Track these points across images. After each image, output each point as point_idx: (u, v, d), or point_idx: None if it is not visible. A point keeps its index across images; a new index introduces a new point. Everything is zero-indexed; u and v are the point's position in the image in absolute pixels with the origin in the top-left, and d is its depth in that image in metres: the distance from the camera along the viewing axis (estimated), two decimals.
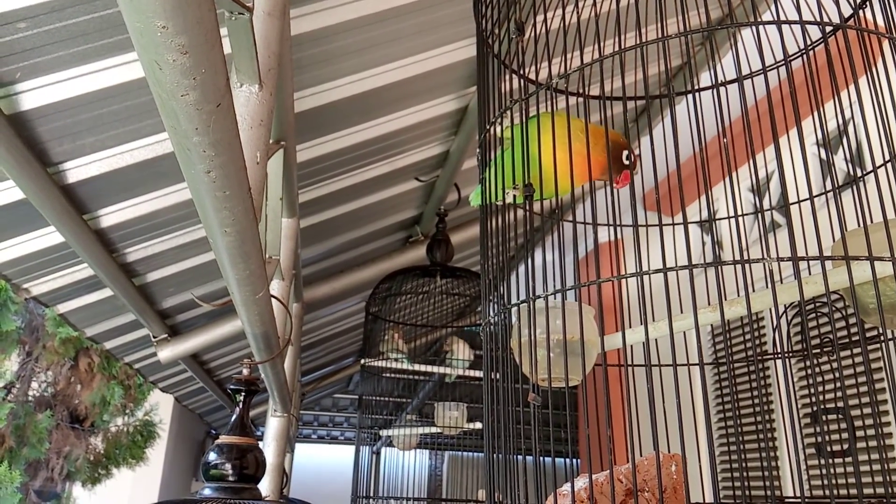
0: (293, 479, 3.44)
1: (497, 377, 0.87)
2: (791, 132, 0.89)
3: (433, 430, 2.71)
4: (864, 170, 0.89)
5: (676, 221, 0.84)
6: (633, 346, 0.91)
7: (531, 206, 0.89)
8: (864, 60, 0.81)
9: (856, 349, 1.06)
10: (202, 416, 4.55)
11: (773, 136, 0.73)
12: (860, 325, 0.72)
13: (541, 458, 0.76)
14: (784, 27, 0.78)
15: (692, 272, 0.71)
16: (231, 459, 0.96)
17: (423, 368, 2.70)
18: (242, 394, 1.02)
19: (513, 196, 0.91)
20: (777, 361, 1.12)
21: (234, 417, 1.01)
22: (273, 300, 1.07)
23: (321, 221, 2.18)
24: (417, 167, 2.19)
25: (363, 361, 2.64)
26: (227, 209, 0.64)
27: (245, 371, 1.04)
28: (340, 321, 3.49)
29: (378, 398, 2.70)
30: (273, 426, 1.92)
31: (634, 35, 0.84)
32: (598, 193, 0.90)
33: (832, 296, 0.72)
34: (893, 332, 0.89)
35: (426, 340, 3.69)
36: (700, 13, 0.87)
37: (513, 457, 0.82)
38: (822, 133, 0.81)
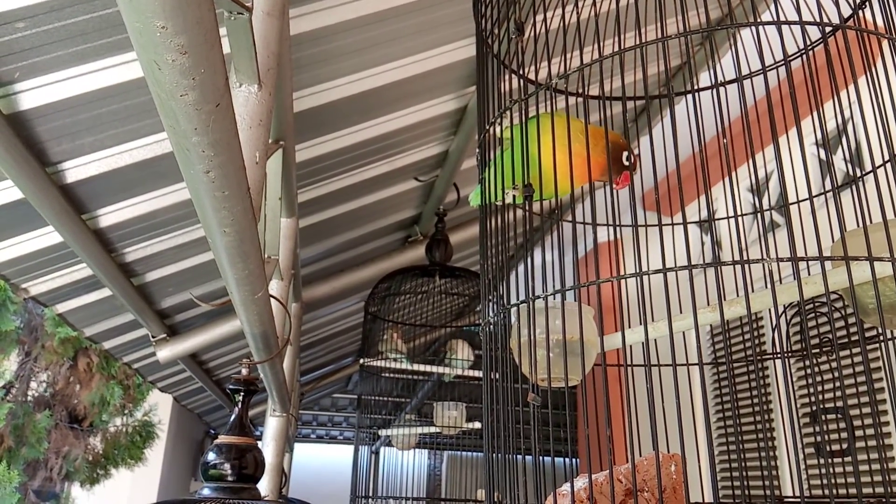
0: (292, 479, 3.43)
1: (496, 377, 0.87)
2: (790, 132, 0.89)
3: (432, 430, 2.71)
4: (864, 170, 0.89)
5: (676, 221, 0.84)
6: (633, 347, 0.91)
7: (531, 207, 0.89)
8: (864, 61, 0.81)
9: (855, 349, 1.06)
10: (201, 416, 4.55)
11: (773, 136, 0.73)
12: (859, 326, 0.72)
13: (540, 458, 0.76)
14: (784, 27, 0.78)
15: (691, 272, 0.71)
16: (230, 459, 0.96)
17: (422, 368, 2.70)
18: (241, 393, 1.02)
19: (512, 196, 0.91)
20: (776, 361, 1.12)
21: (233, 417, 1.01)
22: (272, 300, 1.06)
23: (320, 221, 2.18)
24: (417, 167, 2.19)
25: (362, 361, 2.64)
26: (226, 209, 0.64)
27: (244, 371, 1.04)
28: (339, 321, 3.49)
29: (377, 398, 2.70)
30: (272, 426, 1.92)
31: (634, 35, 0.84)
32: (598, 193, 0.90)
33: (831, 296, 0.72)
34: (893, 333, 0.89)
35: (425, 340, 3.69)
36: (700, 13, 0.87)
37: (512, 456, 0.82)
38: (822, 133, 0.81)
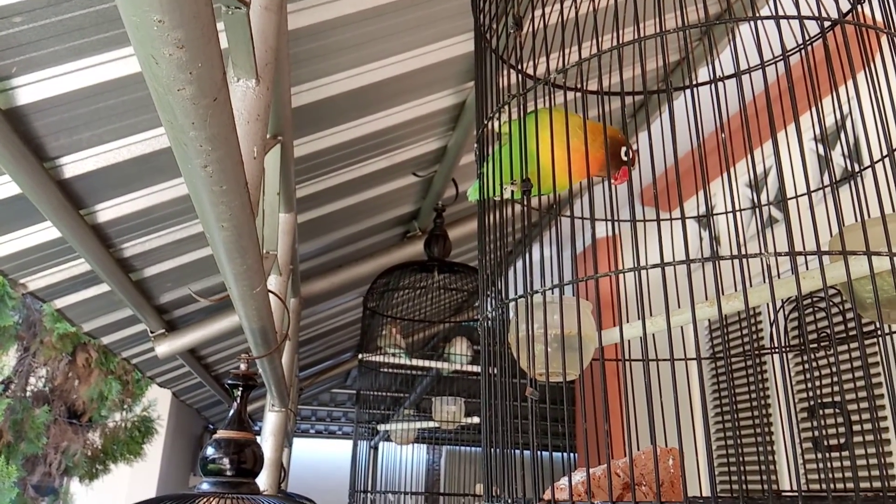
0: (291, 474, 3.44)
1: (495, 372, 0.87)
2: (789, 127, 0.89)
3: (431, 425, 2.71)
4: (862, 165, 0.89)
5: (674, 216, 0.84)
6: (631, 341, 0.92)
7: (529, 202, 0.89)
8: (863, 56, 0.81)
9: (853, 344, 1.06)
10: (200, 411, 4.55)
11: (772, 132, 0.73)
12: (857, 320, 0.72)
13: (538, 453, 0.76)
14: (782, 22, 0.78)
15: (690, 267, 0.71)
16: (229, 454, 0.96)
17: (421, 363, 2.70)
18: (240, 389, 1.03)
19: (510, 192, 0.91)
20: (774, 356, 1.13)
21: (232, 412, 1.01)
22: (270, 295, 1.06)
23: (319, 216, 2.18)
24: (415, 162, 2.19)
25: (361, 356, 2.64)
26: (224, 204, 0.64)
27: (243, 366, 1.04)
28: (338, 316, 3.49)
29: (376, 393, 2.70)
30: (271, 421, 1.92)
31: (633, 30, 0.84)
32: (596, 188, 0.90)
33: (830, 291, 0.72)
34: (890, 327, 0.89)
35: (424, 335, 3.69)
36: (698, 8, 0.87)
37: (510, 451, 0.82)
38: (820, 128, 0.81)
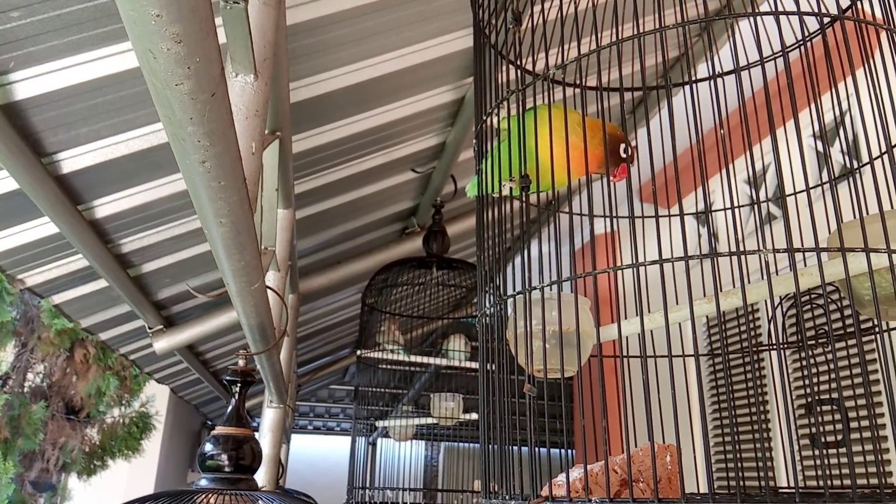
0: (289, 470, 3.44)
1: (493, 368, 0.87)
2: (788, 124, 0.89)
3: (429, 421, 2.72)
4: (861, 161, 0.89)
5: (673, 213, 0.84)
6: (629, 338, 0.92)
7: (527, 198, 0.89)
8: (862, 52, 0.81)
9: (851, 341, 1.06)
10: (198, 408, 4.55)
11: (770, 128, 0.73)
12: (855, 317, 0.72)
13: (536, 449, 0.76)
14: (782, 18, 0.78)
15: (688, 264, 0.71)
16: (227, 450, 0.96)
17: (420, 360, 2.70)
18: (238, 385, 1.03)
19: (509, 188, 0.91)
20: (772, 353, 1.13)
21: (230, 408, 1.01)
22: (269, 291, 1.06)
23: (317, 212, 2.17)
24: (414, 158, 2.19)
25: (359, 352, 2.64)
26: (223, 199, 0.64)
27: (241, 362, 1.04)
28: (336, 312, 3.49)
29: (374, 389, 2.71)
30: (269, 417, 1.92)
31: (632, 26, 0.84)
32: (595, 185, 0.89)
33: (828, 287, 0.72)
34: (888, 324, 0.89)
35: (422, 331, 3.69)
36: (698, 4, 0.87)
37: (508, 447, 0.83)
38: (819, 125, 0.81)
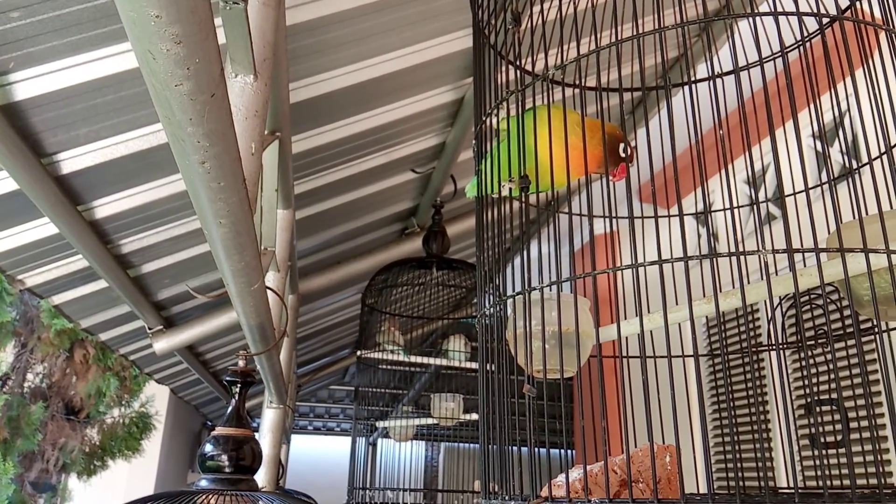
0: (289, 471, 3.44)
1: (492, 369, 0.87)
2: (787, 124, 0.89)
3: (429, 422, 2.71)
4: (860, 162, 0.89)
5: (672, 213, 0.84)
6: (628, 338, 0.92)
7: (527, 198, 0.89)
8: (861, 52, 0.81)
9: (850, 341, 1.06)
10: (198, 408, 4.55)
11: (770, 128, 0.73)
12: (854, 317, 0.72)
13: (536, 449, 0.76)
14: (781, 19, 0.78)
15: (687, 264, 0.71)
16: (227, 451, 0.96)
17: (420, 360, 2.70)
18: (238, 385, 1.03)
19: (509, 189, 0.91)
20: (771, 353, 1.13)
21: (230, 409, 1.01)
22: (268, 292, 1.06)
23: (317, 213, 2.17)
24: (413, 158, 2.19)
25: (359, 353, 2.64)
26: (222, 200, 0.64)
27: (241, 363, 1.05)
28: (336, 313, 3.49)
29: (374, 389, 2.70)
30: (269, 417, 1.92)
31: (631, 26, 0.84)
32: (594, 185, 0.90)
33: (827, 288, 0.73)
34: (887, 324, 0.90)
35: (422, 332, 3.69)
36: (697, 4, 0.87)
37: (508, 448, 0.83)
38: (818, 125, 0.81)
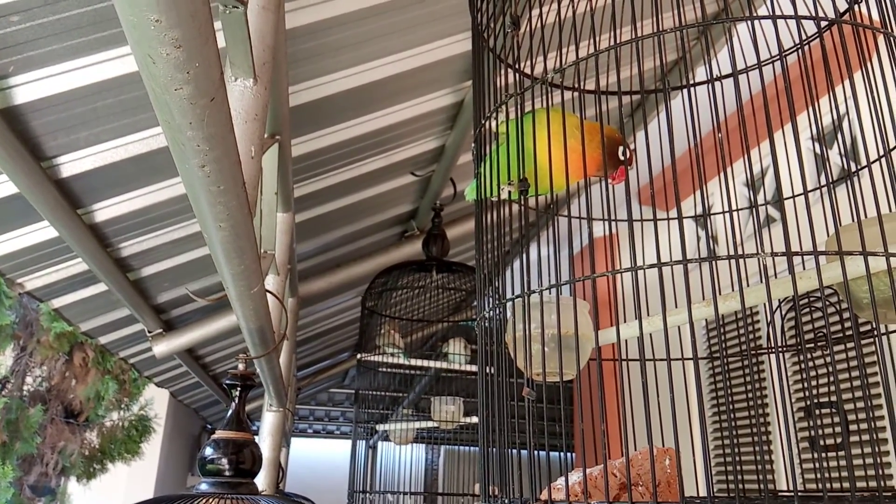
0: (289, 474, 3.44)
1: (492, 371, 0.87)
2: (786, 127, 0.89)
3: (429, 425, 2.71)
4: (859, 165, 0.89)
5: (671, 216, 0.84)
6: (628, 341, 0.92)
7: (526, 202, 0.89)
8: (860, 55, 0.81)
9: (849, 343, 1.06)
10: (198, 411, 4.55)
11: (768, 131, 0.74)
12: (853, 320, 0.72)
13: (535, 452, 0.76)
14: (779, 22, 0.78)
15: (687, 267, 0.72)
16: (227, 454, 0.96)
17: (420, 363, 2.70)
18: (238, 389, 1.02)
19: (508, 192, 0.91)
20: (771, 356, 1.13)
21: (230, 412, 1.01)
22: (268, 295, 1.06)
23: (317, 216, 2.17)
24: (413, 162, 2.19)
25: (359, 356, 2.64)
26: (222, 204, 0.64)
27: (241, 366, 1.04)
28: (336, 316, 3.49)
29: (374, 392, 2.70)
30: (269, 421, 1.92)
31: (630, 29, 0.84)
32: (594, 188, 0.90)
33: (826, 290, 0.73)
34: (887, 327, 0.90)
35: (422, 335, 3.69)
36: (696, 8, 0.87)
37: (508, 451, 0.82)
38: (817, 128, 0.81)
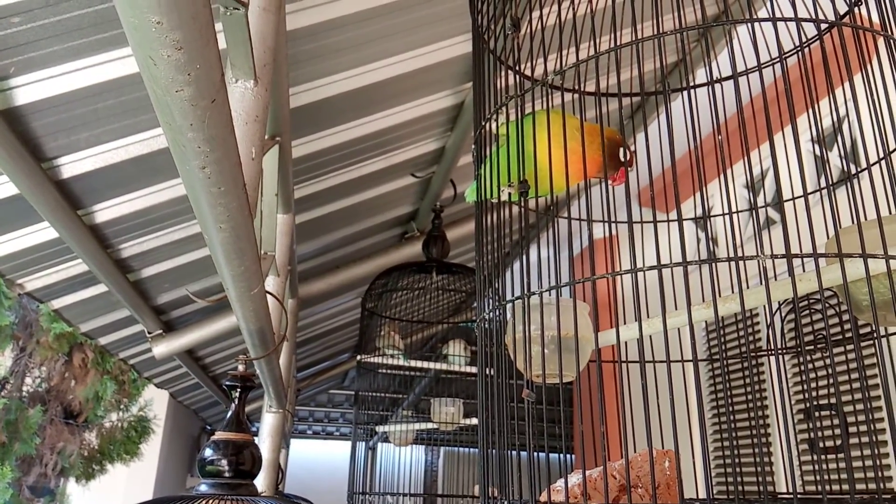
0: (289, 475, 3.44)
1: (492, 373, 0.87)
2: (786, 129, 0.89)
3: (429, 426, 2.71)
4: (859, 167, 0.89)
5: (671, 218, 0.84)
6: (628, 343, 0.92)
7: (526, 203, 0.89)
8: (860, 58, 0.81)
9: (849, 346, 1.07)
10: (197, 412, 4.55)
11: (769, 133, 0.74)
12: (853, 322, 0.72)
13: (535, 454, 0.76)
14: (779, 24, 0.78)
15: (686, 269, 0.72)
16: (227, 455, 0.96)
17: (420, 364, 2.70)
18: (238, 390, 1.02)
19: (508, 193, 0.91)
20: (771, 358, 1.13)
21: (230, 413, 1.01)
22: (268, 296, 1.06)
23: (317, 217, 2.18)
24: (413, 163, 2.19)
25: (359, 357, 2.64)
26: (222, 205, 0.64)
27: (240, 367, 1.04)
28: (336, 317, 3.49)
29: (374, 394, 2.70)
30: (268, 422, 1.92)
31: (630, 31, 0.84)
32: (594, 190, 0.90)
33: (826, 293, 0.73)
34: (886, 329, 0.90)
35: (422, 336, 3.69)
36: (696, 10, 0.87)
37: (507, 452, 0.83)
38: (817, 130, 0.81)
